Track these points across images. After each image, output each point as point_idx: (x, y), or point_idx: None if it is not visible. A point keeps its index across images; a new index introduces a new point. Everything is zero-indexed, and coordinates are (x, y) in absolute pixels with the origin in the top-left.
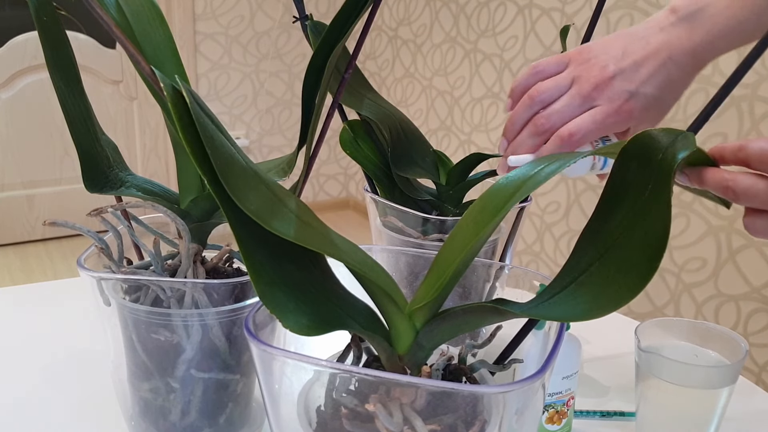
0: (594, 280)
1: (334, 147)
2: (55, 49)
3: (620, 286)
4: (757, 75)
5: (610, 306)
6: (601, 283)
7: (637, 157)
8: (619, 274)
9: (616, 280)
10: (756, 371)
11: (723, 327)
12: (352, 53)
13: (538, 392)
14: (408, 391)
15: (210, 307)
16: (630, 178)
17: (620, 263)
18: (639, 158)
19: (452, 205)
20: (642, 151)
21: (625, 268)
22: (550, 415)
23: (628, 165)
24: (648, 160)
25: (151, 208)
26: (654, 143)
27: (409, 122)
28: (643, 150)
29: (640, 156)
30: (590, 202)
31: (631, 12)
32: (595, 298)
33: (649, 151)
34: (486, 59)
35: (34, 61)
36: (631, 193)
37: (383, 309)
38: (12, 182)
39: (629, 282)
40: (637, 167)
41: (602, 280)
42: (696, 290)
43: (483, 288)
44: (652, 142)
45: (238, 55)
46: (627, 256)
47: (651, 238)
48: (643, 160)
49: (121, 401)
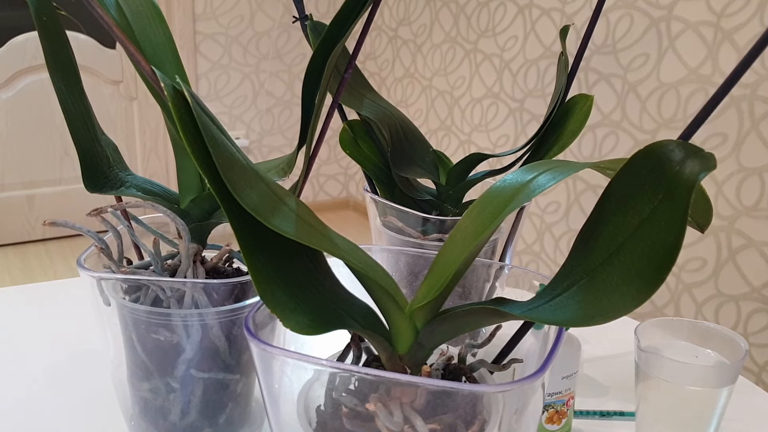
0: (597, 285)
1: (334, 147)
2: (55, 49)
3: (624, 294)
4: (756, 75)
5: (613, 313)
6: (605, 289)
7: (649, 164)
8: (623, 282)
9: (620, 287)
10: (756, 371)
11: (723, 327)
12: (352, 53)
13: (537, 392)
14: (408, 391)
15: (210, 307)
16: (639, 184)
17: (625, 270)
18: (651, 166)
19: (452, 205)
20: (656, 161)
21: (631, 276)
22: (549, 415)
23: (638, 171)
24: (662, 170)
25: (151, 208)
26: (670, 154)
27: (409, 122)
28: (657, 159)
29: (653, 164)
30: (590, 202)
31: (630, 12)
32: (597, 304)
33: (663, 162)
34: (486, 59)
35: (34, 61)
36: (639, 198)
37: (384, 308)
38: (12, 182)
39: (633, 290)
40: (648, 174)
41: (606, 285)
42: (696, 290)
43: (483, 288)
44: (667, 153)
45: (238, 55)
46: (633, 263)
47: (660, 247)
48: (657, 168)
49: (121, 401)
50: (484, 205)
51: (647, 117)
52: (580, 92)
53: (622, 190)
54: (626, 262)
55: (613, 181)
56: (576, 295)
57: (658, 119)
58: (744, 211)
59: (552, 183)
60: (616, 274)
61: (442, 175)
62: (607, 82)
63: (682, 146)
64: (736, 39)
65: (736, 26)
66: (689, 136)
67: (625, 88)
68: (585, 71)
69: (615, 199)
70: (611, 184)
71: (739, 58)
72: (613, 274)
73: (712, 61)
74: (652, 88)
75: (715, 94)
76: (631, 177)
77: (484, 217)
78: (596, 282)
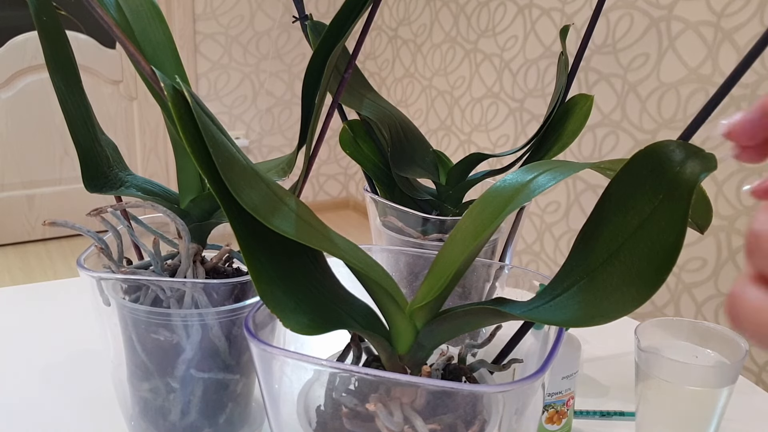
0: (597, 285)
1: (334, 147)
2: (55, 49)
3: (624, 294)
4: (756, 75)
5: (614, 314)
6: (605, 289)
7: (649, 165)
8: (623, 282)
9: (620, 288)
10: (756, 371)
11: (723, 327)
12: (351, 53)
13: (537, 392)
14: (408, 391)
15: (210, 307)
16: (639, 184)
17: (626, 270)
18: (652, 166)
19: (452, 205)
20: (656, 161)
21: (631, 277)
22: (549, 415)
23: (638, 171)
24: (662, 170)
25: (151, 208)
26: (670, 155)
27: (409, 122)
28: (658, 160)
29: (653, 164)
30: (590, 202)
31: (631, 12)
32: (597, 305)
33: (664, 162)
34: (486, 59)
35: (34, 61)
36: (640, 199)
37: (384, 308)
38: (12, 182)
39: (634, 291)
40: (648, 175)
41: (606, 286)
42: (696, 290)
43: (483, 287)
44: (668, 153)
45: (238, 55)
46: (633, 263)
47: (660, 248)
48: (657, 169)
49: (121, 401)
50: (484, 205)
51: (647, 117)
52: (580, 92)
53: (623, 190)
54: (626, 262)
55: (613, 181)
56: (576, 296)
57: (658, 119)
58: (744, 211)
59: (552, 183)
60: (617, 275)
61: (442, 175)
62: (607, 82)
63: (682, 146)
64: (736, 39)
65: (736, 26)
66: (689, 136)
67: (625, 88)
68: (585, 71)
69: (615, 199)
70: (611, 184)
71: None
72: (613, 274)
73: (712, 61)
74: (652, 88)
75: (715, 94)
76: (632, 177)
77: (484, 217)
78: (596, 282)
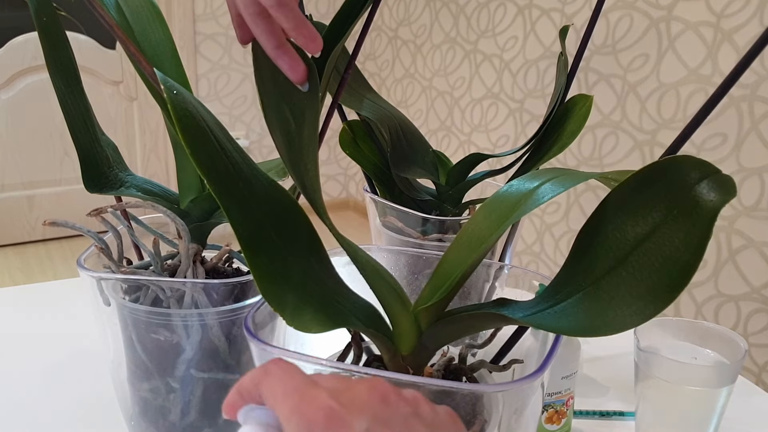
0: (602, 294)
1: (334, 147)
2: (55, 50)
3: (631, 307)
4: (756, 75)
5: (620, 326)
6: (611, 300)
7: (665, 178)
8: (631, 295)
9: (627, 300)
10: (756, 371)
11: (722, 327)
12: (352, 53)
13: (536, 391)
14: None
15: (210, 307)
16: (651, 194)
17: (634, 283)
18: (668, 180)
19: (452, 205)
20: (674, 176)
21: (640, 291)
22: (549, 415)
23: (651, 182)
24: (679, 186)
25: (151, 208)
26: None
27: (409, 122)
28: (675, 174)
29: (670, 178)
30: (590, 202)
31: (630, 12)
32: (602, 315)
33: (681, 178)
34: (486, 60)
35: (34, 62)
36: (651, 209)
37: (389, 308)
38: (12, 182)
39: (642, 305)
40: (662, 188)
41: (612, 296)
42: (696, 290)
43: (483, 287)
44: (687, 170)
45: (238, 56)
46: (643, 277)
47: (673, 266)
48: (674, 184)
49: (121, 401)
50: (490, 210)
51: (647, 117)
52: (579, 92)
53: (632, 197)
54: (635, 275)
55: (621, 187)
56: (581, 303)
57: (658, 119)
58: (744, 212)
59: (558, 192)
60: (624, 286)
61: (442, 176)
62: (607, 82)
63: (701, 165)
64: (736, 39)
65: (736, 26)
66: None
67: (624, 89)
68: (585, 71)
69: (623, 207)
70: (619, 189)
71: (738, 58)
72: (620, 285)
73: (711, 61)
74: (651, 88)
75: (714, 94)
76: (643, 186)
77: (490, 222)
78: (601, 291)
